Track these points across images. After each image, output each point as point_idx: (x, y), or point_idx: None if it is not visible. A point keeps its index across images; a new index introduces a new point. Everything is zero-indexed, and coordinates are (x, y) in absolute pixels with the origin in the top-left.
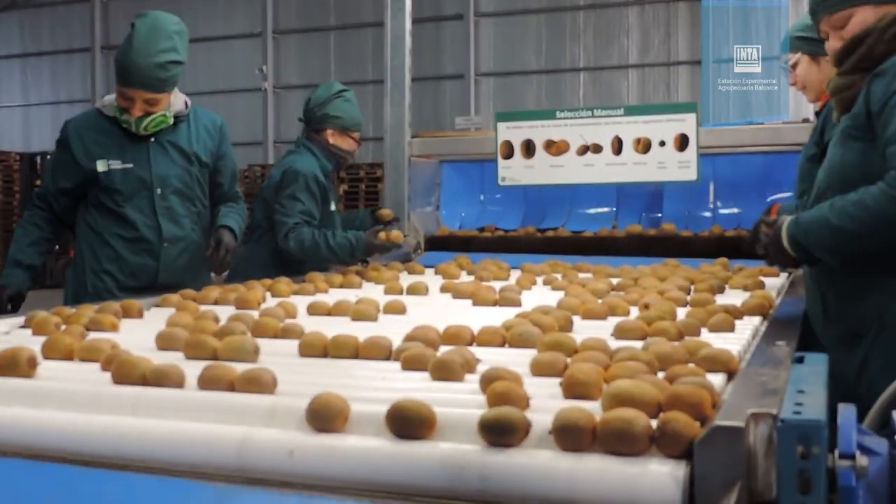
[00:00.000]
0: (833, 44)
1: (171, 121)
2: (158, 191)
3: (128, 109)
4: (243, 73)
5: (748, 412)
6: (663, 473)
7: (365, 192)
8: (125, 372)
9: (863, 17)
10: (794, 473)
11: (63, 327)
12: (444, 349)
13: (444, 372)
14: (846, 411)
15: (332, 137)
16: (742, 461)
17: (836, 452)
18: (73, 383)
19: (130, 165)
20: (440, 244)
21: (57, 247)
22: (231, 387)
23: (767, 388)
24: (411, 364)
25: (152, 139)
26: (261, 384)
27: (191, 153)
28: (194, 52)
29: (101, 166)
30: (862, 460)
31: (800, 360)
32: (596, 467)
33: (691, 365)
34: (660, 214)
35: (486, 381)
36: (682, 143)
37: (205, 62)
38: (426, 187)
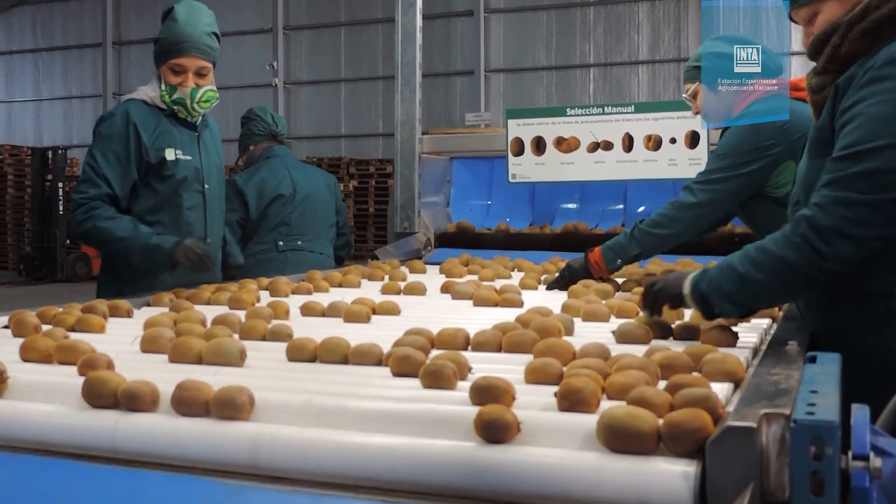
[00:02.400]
0: (804, 39)
1: (218, 99)
2: (206, 186)
3: (181, 83)
4: (254, 69)
5: (761, 412)
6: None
7: (375, 188)
8: (96, 393)
9: (829, 14)
10: (807, 474)
11: (46, 328)
12: (438, 353)
13: (435, 380)
14: (859, 412)
15: None
16: (754, 462)
17: (850, 453)
18: (41, 405)
19: (189, 157)
20: (450, 241)
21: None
22: (206, 410)
23: (780, 388)
24: (402, 370)
25: (197, 133)
26: (236, 408)
27: (220, 154)
28: None
29: (169, 155)
30: (876, 461)
31: (812, 360)
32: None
33: (695, 374)
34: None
35: (476, 392)
36: (693, 140)
37: None
38: (436, 184)
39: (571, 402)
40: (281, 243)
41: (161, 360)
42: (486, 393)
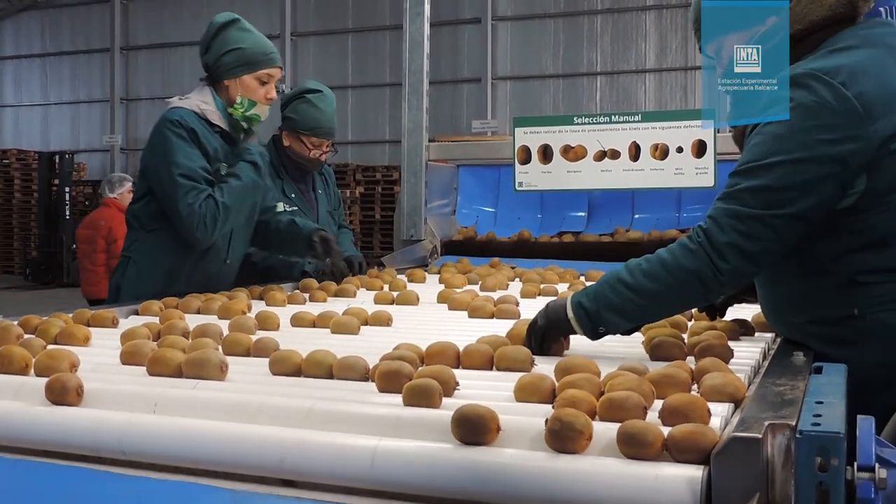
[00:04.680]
0: None
1: None
2: None
3: (266, 94)
4: None
5: (766, 423)
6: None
7: (381, 194)
8: None
9: None
10: (813, 485)
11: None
12: (423, 369)
13: (419, 398)
14: (865, 423)
15: (287, 139)
16: (760, 472)
17: (855, 465)
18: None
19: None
20: (456, 249)
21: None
22: None
23: (785, 398)
24: (387, 385)
25: (237, 151)
26: None
27: None
28: None
29: (222, 170)
30: (881, 473)
31: (818, 371)
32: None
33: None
34: (677, 218)
35: (459, 424)
36: (700, 149)
37: None
38: (443, 191)
39: (561, 440)
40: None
41: (140, 372)
42: (470, 425)
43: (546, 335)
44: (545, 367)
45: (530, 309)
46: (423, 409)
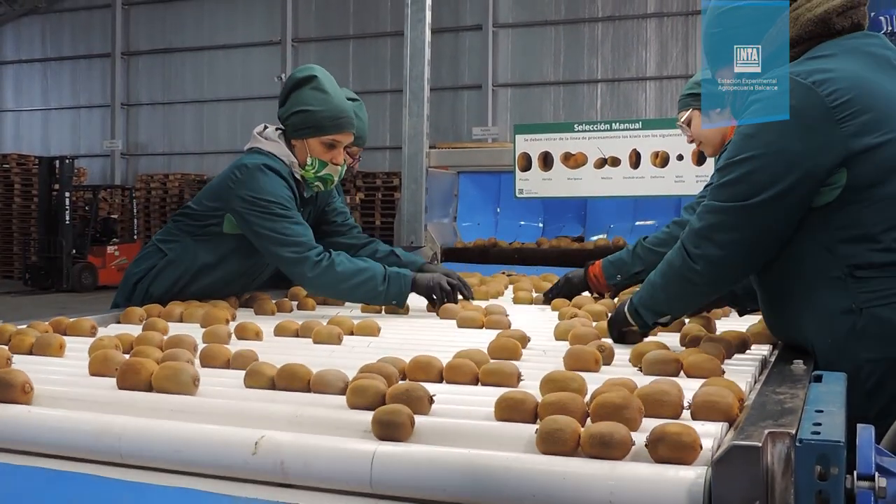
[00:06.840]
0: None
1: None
2: None
3: (332, 158)
4: (262, 81)
5: (766, 431)
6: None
7: (381, 201)
8: None
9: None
10: (813, 494)
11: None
12: (396, 386)
13: (389, 430)
14: (864, 432)
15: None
16: (759, 481)
17: (855, 473)
18: None
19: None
20: (457, 255)
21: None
22: None
23: (785, 407)
24: (357, 402)
25: (307, 207)
26: None
27: None
28: (214, 59)
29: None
30: (881, 482)
31: (818, 379)
32: None
33: (686, 413)
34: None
35: None
36: (701, 157)
37: (224, 69)
38: (443, 198)
39: None
40: None
41: (110, 386)
42: None
43: (612, 325)
44: (531, 382)
45: (521, 319)
46: (392, 444)
